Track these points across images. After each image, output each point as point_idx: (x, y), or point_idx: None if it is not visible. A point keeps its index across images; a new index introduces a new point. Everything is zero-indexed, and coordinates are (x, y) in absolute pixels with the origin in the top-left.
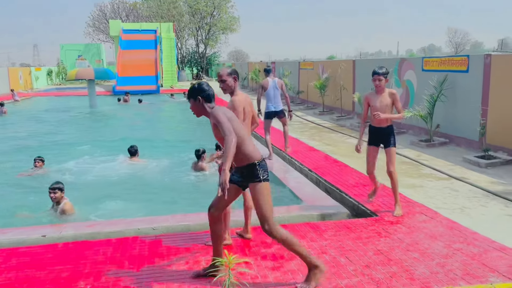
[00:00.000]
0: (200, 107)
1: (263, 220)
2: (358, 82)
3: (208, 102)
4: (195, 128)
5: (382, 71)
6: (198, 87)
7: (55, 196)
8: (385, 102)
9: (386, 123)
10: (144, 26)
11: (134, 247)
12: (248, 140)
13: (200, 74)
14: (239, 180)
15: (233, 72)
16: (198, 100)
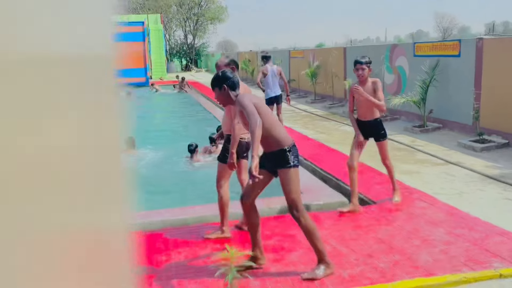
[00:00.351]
0: (226, 96)
1: (292, 205)
2: (350, 69)
3: (233, 90)
4: (186, 120)
5: (364, 60)
6: (223, 75)
7: None
8: (368, 92)
9: (371, 116)
10: (132, 18)
11: None
12: (277, 125)
13: (189, 65)
14: (269, 166)
15: (231, 62)
16: (223, 89)
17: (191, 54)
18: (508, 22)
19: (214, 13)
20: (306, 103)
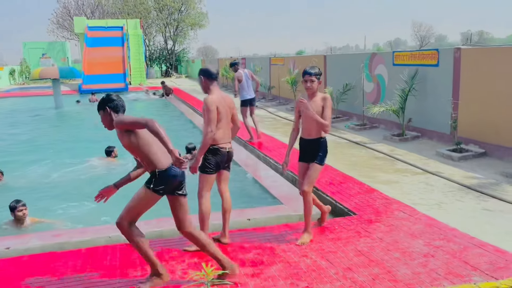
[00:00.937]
0: (108, 118)
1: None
2: (330, 77)
3: (115, 112)
4: (168, 127)
5: (314, 71)
6: (107, 97)
7: (26, 212)
8: (316, 108)
9: (315, 134)
10: (110, 22)
11: (105, 257)
12: (154, 146)
13: (169, 71)
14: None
15: (200, 71)
16: (106, 111)
17: (171, 60)
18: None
19: (194, 18)
20: (286, 110)
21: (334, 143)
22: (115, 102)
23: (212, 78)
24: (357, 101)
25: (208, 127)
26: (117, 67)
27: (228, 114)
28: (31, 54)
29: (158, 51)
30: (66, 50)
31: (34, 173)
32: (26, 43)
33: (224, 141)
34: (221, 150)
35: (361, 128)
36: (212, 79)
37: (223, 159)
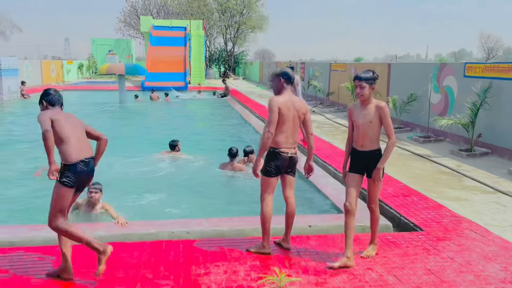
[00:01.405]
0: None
1: (48, 220)
2: (393, 86)
3: (51, 105)
4: (226, 126)
5: (365, 75)
6: (44, 91)
7: (96, 196)
8: (368, 117)
9: (369, 146)
10: (175, 23)
11: (169, 252)
12: (71, 141)
13: (227, 72)
14: None
15: (281, 73)
16: (43, 104)
17: (230, 61)
18: None
19: (255, 21)
20: (345, 117)
21: (396, 154)
22: (51, 96)
23: (290, 82)
24: (423, 112)
25: (266, 127)
26: (179, 66)
27: (295, 118)
28: (98, 50)
29: (218, 52)
30: (131, 47)
31: (99, 165)
32: (94, 39)
33: (286, 146)
34: (281, 154)
35: (425, 140)
36: (289, 83)
37: (284, 163)
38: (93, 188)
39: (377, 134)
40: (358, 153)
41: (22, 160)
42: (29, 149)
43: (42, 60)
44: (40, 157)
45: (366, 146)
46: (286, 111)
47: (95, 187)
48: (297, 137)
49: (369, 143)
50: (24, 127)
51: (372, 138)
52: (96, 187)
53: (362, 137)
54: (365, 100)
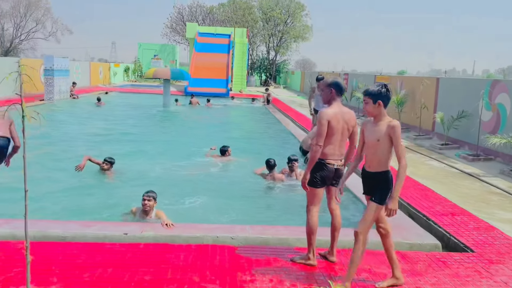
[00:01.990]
0: None
1: None
2: (441, 101)
3: None
4: (267, 134)
5: (371, 89)
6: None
7: (149, 204)
8: (376, 135)
9: (376, 167)
10: (219, 30)
11: (214, 256)
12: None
13: (268, 81)
14: None
15: (332, 84)
16: None
17: (271, 70)
18: None
19: (298, 31)
20: None
21: (444, 171)
22: None
23: (341, 93)
24: (473, 129)
25: (314, 139)
26: (221, 73)
27: (344, 130)
28: (144, 54)
29: (260, 61)
30: (176, 53)
31: (146, 168)
32: (141, 43)
33: (333, 157)
34: (328, 166)
35: (474, 158)
36: (340, 94)
37: (330, 175)
38: (146, 195)
39: (386, 155)
40: (365, 174)
41: (68, 157)
42: (75, 147)
43: (91, 62)
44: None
45: (373, 167)
46: (335, 123)
47: (148, 194)
48: (344, 149)
49: (376, 164)
50: (73, 126)
51: (379, 159)
52: (149, 195)
53: (369, 157)
54: (375, 116)
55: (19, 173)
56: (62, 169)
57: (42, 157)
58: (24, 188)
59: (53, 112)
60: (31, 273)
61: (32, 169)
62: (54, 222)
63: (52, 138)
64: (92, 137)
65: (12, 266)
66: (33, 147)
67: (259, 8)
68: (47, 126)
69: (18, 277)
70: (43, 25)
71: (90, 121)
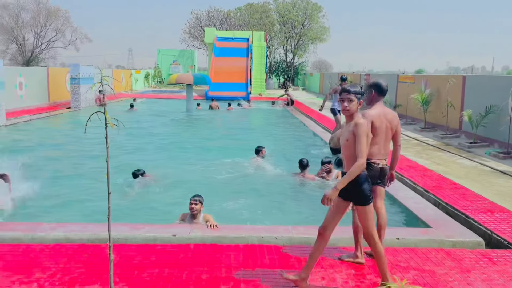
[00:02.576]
0: None
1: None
2: (468, 99)
3: None
4: (293, 136)
5: (354, 89)
6: None
7: (196, 207)
8: (346, 135)
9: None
10: (237, 34)
11: (263, 256)
12: None
13: (286, 83)
14: None
15: (372, 85)
16: None
17: (289, 72)
18: None
19: (316, 33)
20: (414, 130)
21: (476, 170)
22: None
23: (382, 94)
24: (503, 127)
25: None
26: (241, 77)
27: (387, 130)
28: (163, 60)
29: (278, 63)
30: (194, 58)
31: (185, 171)
32: (160, 50)
33: (378, 157)
34: (373, 165)
35: (505, 156)
36: (381, 94)
37: (375, 174)
38: (193, 199)
39: (354, 155)
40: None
41: (96, 162)
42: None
43: (113, 69)
44: (117, 157)
45: (347, 167)
46: (379, 124)
47: (194, 198)
48: (388, 149)
49: (350, 164)
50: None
51: (353, 160)
52: (195, 199)
53: (344, 157)
54: (349, 115)
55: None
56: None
57: (93, 161)
58: (108, 190)
59: (80, 119)
60: (94, 274)
61: (82, 174)
62: (104, 226)
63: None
64: (135, 142)
65: (75, 268)
66: (85, 153)
67: (276, 11)
68: (89, 131)
69: (82, 277)
70: (63, 34)
71: (127, 126)
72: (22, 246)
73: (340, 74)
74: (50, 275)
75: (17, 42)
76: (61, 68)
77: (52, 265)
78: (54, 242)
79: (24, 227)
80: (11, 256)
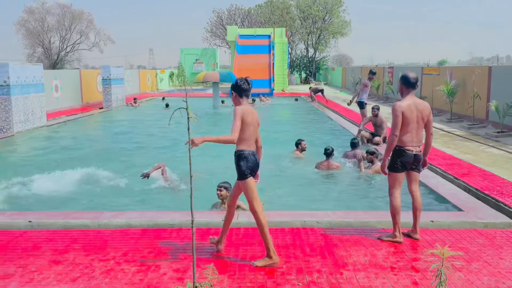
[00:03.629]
0: None
1: None
2: (495, 90)
3: None
4: (320, 129)
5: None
6: None
7: (221, 193)
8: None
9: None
10: (259, 31)
11: (308, 237)
12: None
13: (308, 78)
14: None
15: (401, 78)
16: None
17: (311, 67)
18: None
19: (337, 27)
20: (441, 121)
21: (504, 158)
22: None
23: (410, 86)
24: None
25: (391, 130)
26: (264, 73)
27: (418, 119)
28: (186, 59)
29: (299, 59)
30: (216, 56)
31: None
32: (183, 49)
33: (411, 144)
34: (406, 152)
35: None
36: (409, 87)
37: (409, 160)
38: (218, 187)
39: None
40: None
41: (129, 159)
42: (133, 150)
43: (140, 70)
44: (140, 155)
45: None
46: (409, 114)
47: (219, 185)
48: (421, 137)
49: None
50: (135, 130)
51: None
52: (220, 185)
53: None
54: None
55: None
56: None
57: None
58: (190, 173)
59: (112, 118)
60: (161, 253)
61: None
62: (160, 213)
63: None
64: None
65: (143, 248)
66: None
67: (297, 7)
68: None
69: (150, 255)
70: (87, 37)
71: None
72: (91, 231)
73: (364, 67)
74: (123, 253)
75: (43, 45)
76: (92, 70)
77: (123, 246)
78: (118, 227)
79: (89, 215)
80: (84, 239)
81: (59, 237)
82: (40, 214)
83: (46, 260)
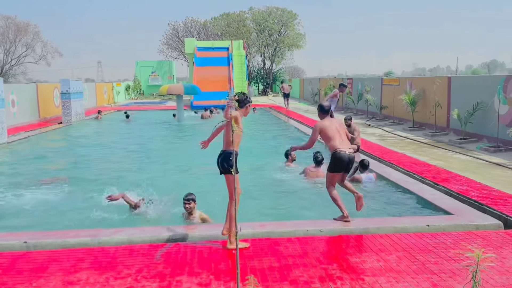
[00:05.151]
0: None
1: None
2: (454, 99)
3: None
4: (288, 137)
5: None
6: None
7: (190, 206)
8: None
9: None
10: (216, 43)
11: (317, 246)
12: None
13: (266, 90)
14: None
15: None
16: None
17: (268, 79)
18: None
19: (292, 40)
20: (403, 130)
21: (473, 163)
22: None
23: (325, 112)
24: (491, 123)
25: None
26: (224, 85)
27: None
28: (142, 71)
29: (256, 71)
30: (173, 68)
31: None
32: (138, 61)
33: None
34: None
35: (495, 150)
36: (324, 113)
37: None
38: (185, 199)
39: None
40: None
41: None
42: (96, 162)
43: (96, 83)
44: (107, 168)
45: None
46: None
47: (187, 198)
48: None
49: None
50: (102, 144)
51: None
52: (188, 198)
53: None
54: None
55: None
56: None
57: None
58: (235, 201)
59: (73, 133)
60: (179, 267)
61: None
62: (159, 228)
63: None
64: (133, 153)
65: (157, 264)
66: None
67: (252, 20)
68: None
69: (167, 270)
70: (33, 49)
71: (127, 137)
72: (94, 249)
73: (322, 79)
74: (137, 270)
75: None
76: (49, 84)
77: (133, 262)
78: (119, 244)
79: (86, 233)
80: (89, 258)
81: (62, 257)
82: (35, 234)
83: (58, 281)
